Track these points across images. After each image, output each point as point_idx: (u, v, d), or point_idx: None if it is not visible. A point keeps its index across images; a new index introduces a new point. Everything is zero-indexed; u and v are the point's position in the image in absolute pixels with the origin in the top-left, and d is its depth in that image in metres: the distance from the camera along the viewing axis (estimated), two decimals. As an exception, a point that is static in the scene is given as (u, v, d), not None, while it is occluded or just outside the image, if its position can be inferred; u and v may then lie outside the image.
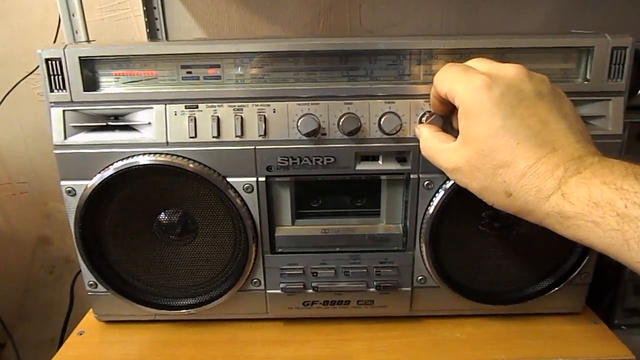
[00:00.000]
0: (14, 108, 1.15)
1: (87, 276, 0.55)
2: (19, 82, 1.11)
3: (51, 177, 1.25)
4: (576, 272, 0.55)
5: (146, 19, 1.05)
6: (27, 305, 1.30)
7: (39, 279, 1.29)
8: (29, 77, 1.11)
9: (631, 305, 0.97)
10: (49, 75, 0.49)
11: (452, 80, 0.43)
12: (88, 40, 0.81)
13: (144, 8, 1.05)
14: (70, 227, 0.53)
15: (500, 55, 0.49)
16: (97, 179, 0.51)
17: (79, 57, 0.48)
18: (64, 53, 0.48)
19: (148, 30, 1.06)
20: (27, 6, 1.09)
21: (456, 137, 0.43)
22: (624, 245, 0.32)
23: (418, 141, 0.50)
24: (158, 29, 1.08)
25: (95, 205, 0.52)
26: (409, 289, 0.57)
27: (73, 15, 0.82)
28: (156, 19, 1.07)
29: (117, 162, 0.51)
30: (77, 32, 0.83)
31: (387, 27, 1.12)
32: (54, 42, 1.03)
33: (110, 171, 0.51)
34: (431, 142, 0.46)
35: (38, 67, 0.52)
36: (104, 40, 0.85)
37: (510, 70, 0.41)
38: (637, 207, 0.31)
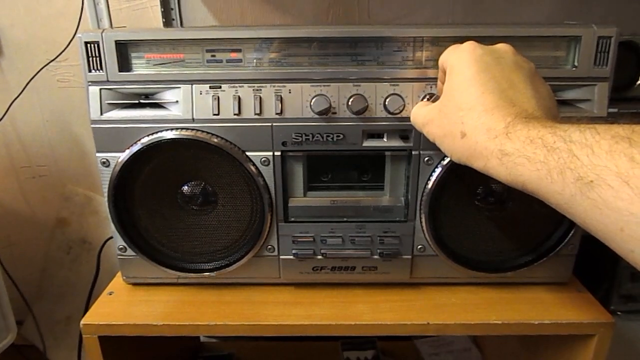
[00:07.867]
0: (35, 94, 1.14)
1: (118, 241, 0.58)
2: (41, 69, 1.10)
3: (70, 161, 1.24)
4: (563, 244, 0.58)
5: (162, 9, 1.05)
6: (44, 285, 1.28)
7: (56, 259, 1.27)
8: (49, 64, 1.09)
9: (627, 292, 0.98)
10: (88, 57, 0.52)
11: (448, 51, 0.47)
12: (111, 26, 0.85)
13: (161, -2, 1.04)
14: (86, 210, 0.56)
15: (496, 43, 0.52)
16: (128, 152, 0.54)
17: (115, 41, 0.51)
18: (102, 37, 0.51)
19: (164, 19, 1.06)
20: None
21: None
22: (547, 178, 0.33)
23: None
24: (173, 19, 1.07)
25: (126, 175, 0.55)
26: (410, 257, 0.60)
27: (97, 4, 0.84)
28: (172, 9, 1.07)
29: (146, 136, 0.54)
30: (101, 20, 0.85)
31: (394, 20, 1.10)
32: (76, 29, 1.00)
33: (140, 145, 0.54)
34: (416, 108, 0.49)
35: (60, 54, 0.54)
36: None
37: (499, 44, 0.46)
38: (562, 141, 0.32)
